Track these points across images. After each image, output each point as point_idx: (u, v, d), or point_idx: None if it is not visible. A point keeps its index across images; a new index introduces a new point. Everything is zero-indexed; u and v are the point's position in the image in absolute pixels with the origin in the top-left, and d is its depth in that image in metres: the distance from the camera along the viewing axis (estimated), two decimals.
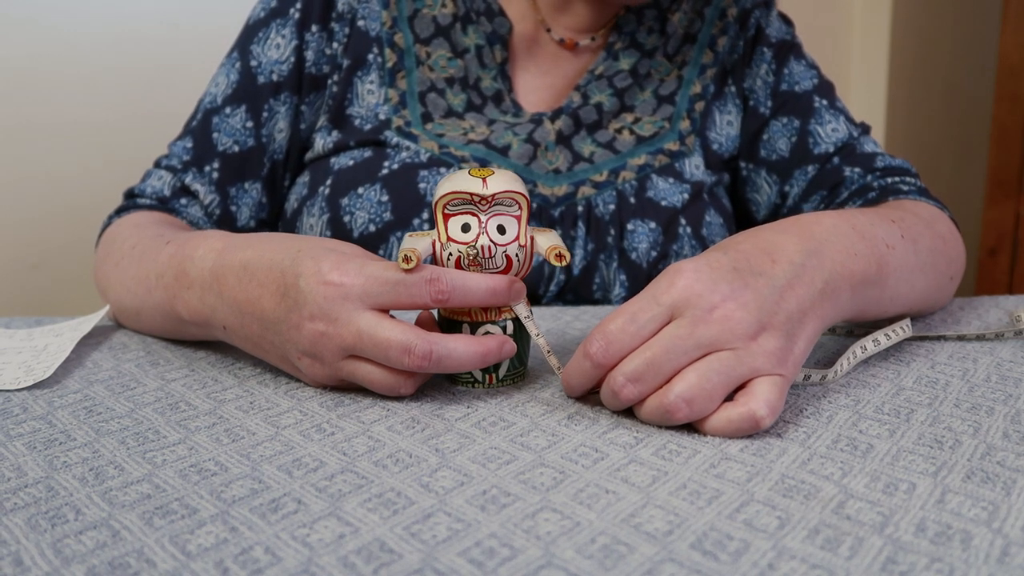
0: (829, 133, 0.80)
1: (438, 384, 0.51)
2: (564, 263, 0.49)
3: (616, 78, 0.80)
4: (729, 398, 0.44)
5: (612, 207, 0.74)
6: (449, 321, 0.50)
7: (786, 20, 0.86)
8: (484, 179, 0.48)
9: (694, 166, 0.79)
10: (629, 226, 0.74)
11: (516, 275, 0.49)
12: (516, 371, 0.51)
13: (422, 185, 0.72)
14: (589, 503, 0.36)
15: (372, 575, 0.31)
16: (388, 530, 0.34)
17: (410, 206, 0.72)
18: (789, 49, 0.84)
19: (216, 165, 0.77)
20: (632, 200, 0.75)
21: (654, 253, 0.74)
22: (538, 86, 0.81)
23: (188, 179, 0.76)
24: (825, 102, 0.82)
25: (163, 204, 0.76)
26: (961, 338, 0.59)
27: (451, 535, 0.34)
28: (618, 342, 0.44)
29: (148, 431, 0.45)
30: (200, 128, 0.78)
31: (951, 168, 2.40)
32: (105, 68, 1.29)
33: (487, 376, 0.50)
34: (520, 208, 0.49)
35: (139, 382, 0.52)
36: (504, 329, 0.49)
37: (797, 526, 0.34)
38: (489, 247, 0.48)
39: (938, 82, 2.33)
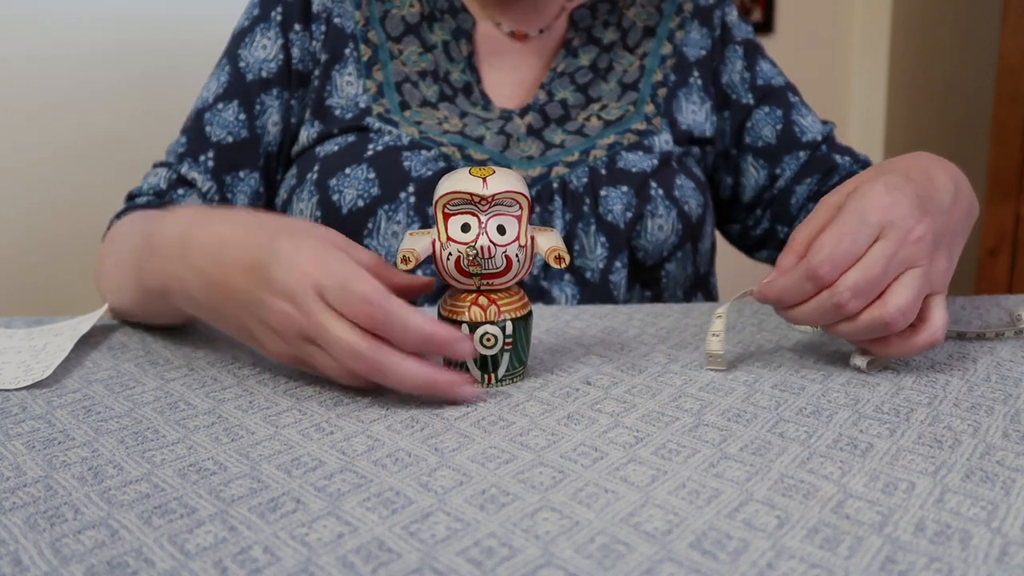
0: (811, 124, 0.86)
1: None
2: (563, 265, 0.49)
3: (577, 74, 0.83)
4: None
5: (585, 180, 0.76)
6: (448, 321, 0.50)
7: (744, 20, 0.91)
8: (484, 179, 0.48)
9: (663, 141, 0.81)
10: (602, 193, 0.76)
11: (516, 275, 0.49)
12: (515, 371, 0.51)
13: (406, 164, 0.74)
14: (588, 502, 0.36)
15: (371, 574, 0.31)
16: (387, 529, 0.34)
17: (396, 181, 0.73)
18: (755, 48, 0.89)
19: (211, 155, 0.78)
20: (604, 172, 0.77)
21: (629, 214, 0.76)
22: (505, 81, 0.83)
23: (184, 169, 0.77)
24: (797, 99, 0.88)
25: (160, 197, 0.77)
26: (961, 337, 0.59)
27: (450, 534, 0.34)
28: (843, 263, 0.48)
29: (147, 430, 0.45)
30: (193, 126, 0.79)
31: None
32: (106, 69, 1.29)
33: (486, 376, 0.50)
34: (520, 208, 0.49)
35: (138, 381, 0.52)
36: (503, 330, 0.49)
37: (796, 525, 0.34)
38: (489, 247, 0.48)
39: (938, 82, 2.33)
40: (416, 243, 0.48)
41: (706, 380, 0.51)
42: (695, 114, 0.84)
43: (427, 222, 0.73)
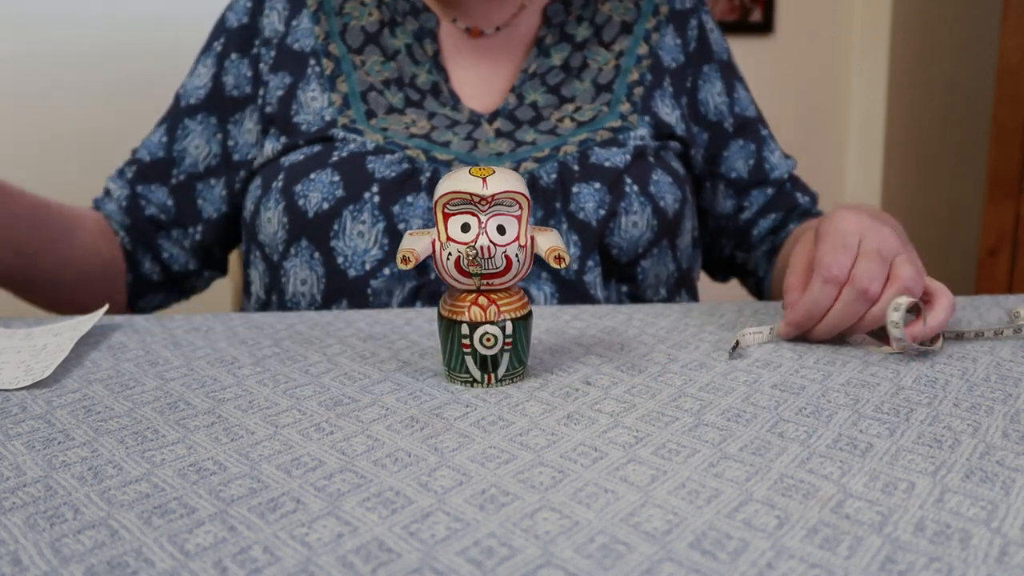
0: (778, 161, 0.90)
1: (437, 383, 0.51)
2: (563, 265, 0.49)
3: (548, 75, 0.82)
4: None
5: (555, 176, 0.75)
6: (448, 321, 0.50)
7: (720, 30, 0.91)
8: (484, 179, 0.48)
9: (638, 137, 0.80)
10: (574, 189, 0.75)
11: (516, 275, 0.49)
12: (515, 371, 0.51)
13: (371, 166, 0.75)
14: (588, 502, 0.36)
15: (371, 574, 0.31)
16: (387, 529, 0.34)
17: (360, 183, 0.74)
18: (732, 71, 0.90)
19: (133, 170, 0.85)
20: (575, 167, 0.76)
21: (602, 211, 0.75)
22: (472, 79, 0.83)
23: (109, 183, 0.85)
24: (766, 132, 0.90)
25: (96, 209, 0.86)
26: (960, 336, 0.59)
27: (450, 534, 0.34)
28: (847, 263, 0.55)
29: (147, 430, 0.45)
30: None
31: (951, 168, 2.40)
32: (105, 72, 1.29)
33: (486, 375, 0.50)
34: (520, 208, 0.49)
35: (138, 381, 0.52)
36: (503, 329, 0.49)
37: (796, 525, 0.34)
38: (488, 247, 0.48)
39: (938, 82, 2.33)
40: (416, 243, 0.48)
41: (706, 380, 0.51)
42: (667, 116, 0.84)
43: (392, 221, 0.73)
